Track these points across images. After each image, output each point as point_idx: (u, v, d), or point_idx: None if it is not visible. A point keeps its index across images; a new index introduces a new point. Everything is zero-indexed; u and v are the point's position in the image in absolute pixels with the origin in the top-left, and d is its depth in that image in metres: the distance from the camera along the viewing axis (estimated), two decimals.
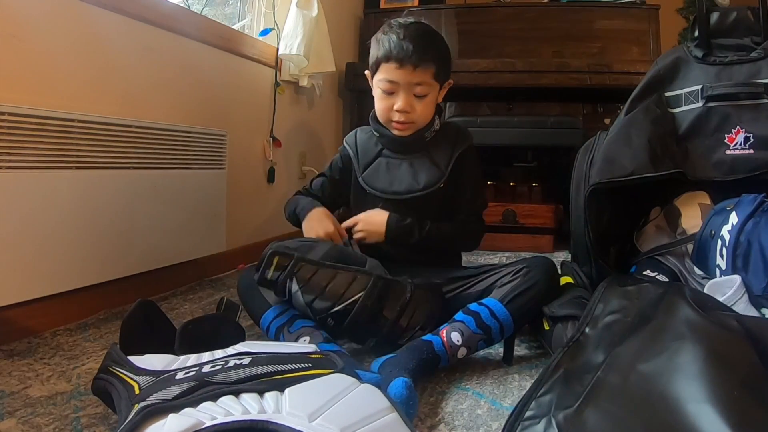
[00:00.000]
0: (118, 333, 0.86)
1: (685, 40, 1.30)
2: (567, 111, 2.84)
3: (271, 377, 0.66)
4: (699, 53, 1.15)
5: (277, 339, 1.01)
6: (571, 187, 1.24)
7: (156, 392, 0.63)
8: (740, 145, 1.08)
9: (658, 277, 1.07)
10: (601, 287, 0.90)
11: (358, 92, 2.69)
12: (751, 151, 1.07)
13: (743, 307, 0.85)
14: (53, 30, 1.15)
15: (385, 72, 1.14)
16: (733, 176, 1.07)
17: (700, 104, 1.12)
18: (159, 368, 0.70)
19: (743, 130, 1.07)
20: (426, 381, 0.93)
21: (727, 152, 1.09)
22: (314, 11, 2.04)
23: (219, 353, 0.76)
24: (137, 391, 0.65)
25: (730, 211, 0.96)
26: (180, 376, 0.66)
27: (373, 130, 1.23)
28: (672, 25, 2.78)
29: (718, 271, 0.95)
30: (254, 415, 0.57)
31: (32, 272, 1.07)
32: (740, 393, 0.55)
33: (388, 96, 1.15)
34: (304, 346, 0.88)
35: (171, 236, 1.44)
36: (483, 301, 1.02)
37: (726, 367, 0.58)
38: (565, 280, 1.17)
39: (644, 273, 1.09)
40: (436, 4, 2.94)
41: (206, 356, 0.75)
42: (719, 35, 1.16)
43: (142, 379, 0.67)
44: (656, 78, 1.20)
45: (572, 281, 1.17)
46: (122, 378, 0.69)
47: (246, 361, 0.70)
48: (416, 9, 2.81)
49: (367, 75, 1.22)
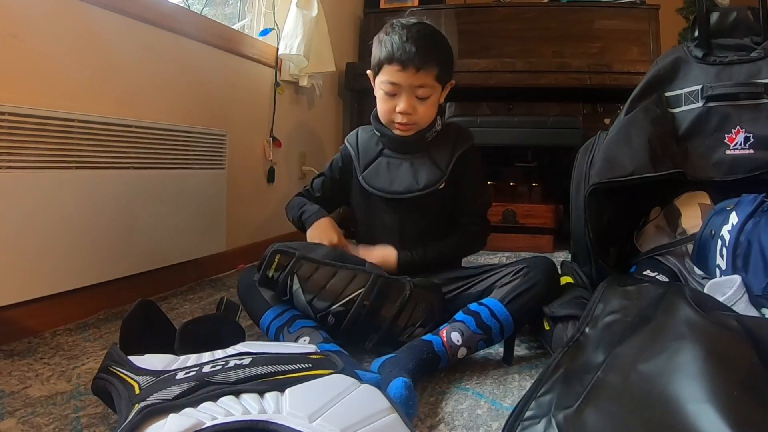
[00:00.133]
0: (118, 333, 0.86)
1: (685, 40, 1.30)
2: (567, 111, 2.84)
3: (271, 377, 0.66)
4: (699, 53, 1.15)
5: (276, 339, 1.01)
6: (571, 187, 1.25)
7: (156, 392, 0.63)
8: (740, 145, 1.08)
9: (658, 277, 1.07)
10: (601, 287, 0.90)
11: (358, 92, 2.69)
12: (751, 151, 1.07)
13: (743, 307, 0.85)
14: (53, 30, 1.15)
15: (387, 74, 1.13)
16: (733, 176, 1.07)
17: (700, 104, 1.12)
18: (159, 368, 0.70)
19: (743, 130, 1.07)
20: (426, 381, 0.93)
21: (727, 152, 1.09)
22: (314, 11, 2.04)
23: (219, 353, 0.76)
24: (137, 390, 0.65)
25: (730, 211, 0.96)
26: (180, 376, 0.66)
27: (375, 130, 1.23)
28: (672, 25, 2.78)
29: (718, 271, 0.95)
30: (254, 415, 0.57)
31: (32, 272, 1.07)
32: (740, 393, 0.55)
33: (390, 97, 1.15)
34: (305, 346, 0.88)
35: (171, 236, 1.44)
36: (483, 301, 1.02)
37: (726, 367, 0.58)
38: (565, 280, 1.17)
39: (644, 273, 1.09)
40: (436, 4, 2.95)
41: (206, 356, 0.75)
42: (719, 35, 1.16)
43: (142, 379, 0.67)
44: (656, 78, 1.20)
45: (572, 281, 1.17)
46: (122, 378, 0.69)
47: (246, 361, 0.70)
48: (416, 9, 2.80)
49: (369, 75, 1.22)
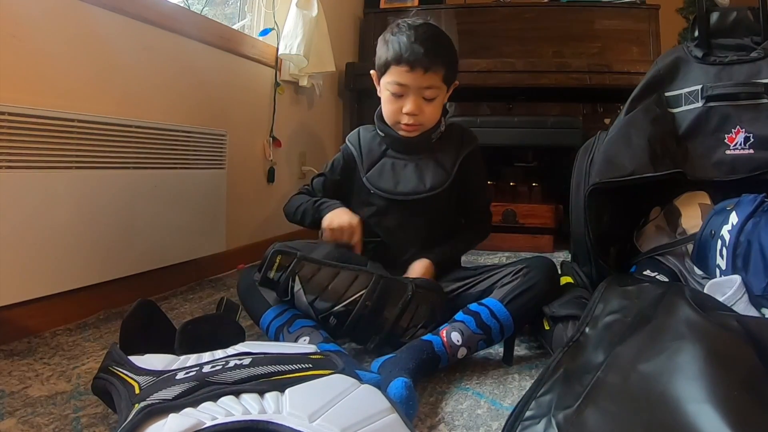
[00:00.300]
0: (118, 333, 0.86)
1: (685, 40, 1.30)
2: (567, 111, 2.84)
3: (271, 378, 0.66)
4: (699, 53, 1.16)
5: (276, 339, 1.01)
6: (571, 187, 1.25)
7: (156, 392, 0.63)
8: (740, 145, 1.08)
9: (658, 277, 1.07)
10: (601, 287, 0.90)
11: (358, 92, 2.69)
12: (751, 151, 1.07)
13: (743, 307, 0.85)
14: (53, 30, 1.15)
15: (394, 75, 1.13)
16: (733, 176, 1.07)
17: (700, 104, 1.12)
18: (159, 368, 0.70)
19: (743, 130, 1.08)
20: (426, 381, 0.93)
21: (727, 152, 1.09)
22: (314, 11, 2.04)
23: (219, 353, 0.76)
24: (137, 390, 0.65)
25: (730, 211, 0.96)
26: (180, 376, 0.66)
27: (378, 130, 1.22)
28: (672, 25, 2.78)
29: (718, 271, 0.95)
30: (255, 415, 0.57)
31: (32, 272, 1.07)
32: (740, 393, 0.55)
33: (397, 98, 1.14)
34: (305, 346, 0.88)
35: (171, 236, 1.44)
36: (483, 301, 1.02)
37: (726, 367, 0.58)
38: (565, 280, 1.17)
39: (644, 273, 1.09)
40: (436, 4, 2.94)
41: (206, 356, 0.75)
42: (719, 35, 1.17)
43: (142, 379, 0.67)
44: (656, 78, 1.20)
45: (572, 281, 1.17)
46: (122, 378, 0.69)
47: (246, 361, 0.70)
48: (416, 9, 2.80)
49: (373, 75, 1.21)
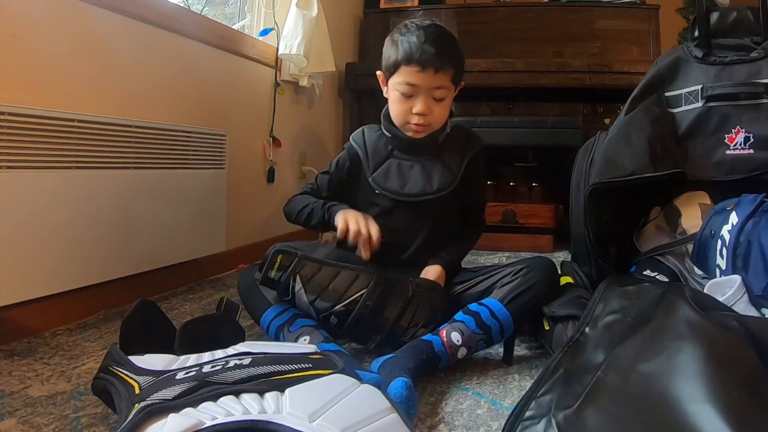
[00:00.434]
0: (118, 333, 0.86)
1: (685, 40, 1.30)
2: (567, 111, 2.84)
3: (271, 377, 0.66)
4: (699, 53, 1.15)
5: (277, 338, 1.01)
6: (571, 187, 1.25)
7: (156, 392, 0.63)
8: (740, 145, 1.08)
9: (658, 277, 1.07)
10: (601, 287, 0.90)
11: (358, 92, 2.69)
12: (751, 151, 1.07)
13: (743, 307, 0.85)
14: (53, 30, 1.15)
15: (405, 75, 1.12)
16: (733, 176, 1.07)
17: (700, 104, 1.12)
18: (159, 368, 0.70)
19: (743, 130, 1.08)
20: (426, 381, 0.93)
21: (727, 152, 1.09)
22: (314, 11, 2.04)
23: (219, 353, 0.76)
24: (137, 390, 0.65)
25: (730, 211, 0.96)
26: (180, 376, 0.66)
27: (384, 131, 1.21)
28: (672, 25, 2.78)
29: (718, 271, 0.95)
30: (255, 415, 0.57)
31: (32, 272, 1.07)
32: (740, 393, 0.55)
33: (406, 99, 1.14)
34: (305, 346, 0.88)
35: (171, 236, 1.44)
36: (483, 301, 1.02)
37: (726, 367, 0.58)
38: (565, 280, 1.17)
39: (644, 273, 1.09)
40: (436, 4, 2.94)
41: (206, 356, 0.75)
42: (719, 35, 1.17)
43: (142, 379, 0.67)
44: (656, 78, 1.20)
45: (572, 281, 1.17)
46: (122, 378, 0.69)
47: (246, 361, 0.70)
48: (416, 9, 2.80)
49: (379, 76, 1.20)
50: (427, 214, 1.18)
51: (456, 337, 0.95)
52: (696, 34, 1.18)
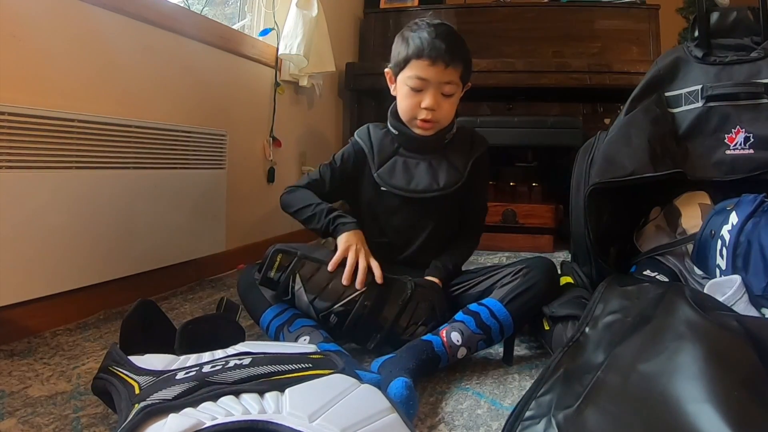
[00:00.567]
0: (118, 333, 0.86)
1: (685, 40, 1.30)
2: (567, 111, 2.84)
3: (271, 377, 0.66)
4: (699, 53, 1.15)
5: (276, 338, 1.01)
6: (571, 187, 1.24)
7: (156, 392, 0.63)
8: (740, 145, 1.08)
9: (658, 277, 1.07)
10: (601, 287, 0.90)
11: (358, 92, 2.69)
12: (751, 151, 1.07)
13: (743, 307, 0.85)
14: (53, 29, 1.15)
15: (415, 68, 1.13)
16: (733, 176, 1.07)
17: (700, 104, 1.12)
18: (159, 368, 0.70)
19: (743, 130, 1.08)
20: (426, 381, 0.93)
21: (727, 152, 1.09)
22: (314, 11, 2.04)
23: (219, 353, 0.76)
24: (137, 390, 0.65)
25: (730, 211, 0.96)
26: (180, 376, 0.66)
27: (391, 127, 1.21)
28: (672, 25, 2.78)
29: (718, 271, 0.95)
30: (255, 415, 0.57)
31: (32, 272, 1.07)
32: (740, 393, 0.55)
33: (415, 93, 1.14)
34: (305, 346, 0.88)
35: (171, 236, 1.44)
36: (483, 301, 1.02)
37: (726, 367, 0.58)
38: (565, 280, 1.17)
39: (644, 273, 1.09)
40: (436, 4, 2.94)
41: (206, 356, 0.75)
42: (719, 35, 1.17)
43: (142, 379, 0.67)
44: (656, 78, 1.20)
45: (572, 281, 1.17)
46: (122, 378, 0.69)
47: (246, 361, 0.70)
48: (416, 9, 2.80)
49: (387, 73, 1.21)
50: (430, 212, 1.18)
51: (456, 337, 0.95)
52: (696, 34, 1.18)
